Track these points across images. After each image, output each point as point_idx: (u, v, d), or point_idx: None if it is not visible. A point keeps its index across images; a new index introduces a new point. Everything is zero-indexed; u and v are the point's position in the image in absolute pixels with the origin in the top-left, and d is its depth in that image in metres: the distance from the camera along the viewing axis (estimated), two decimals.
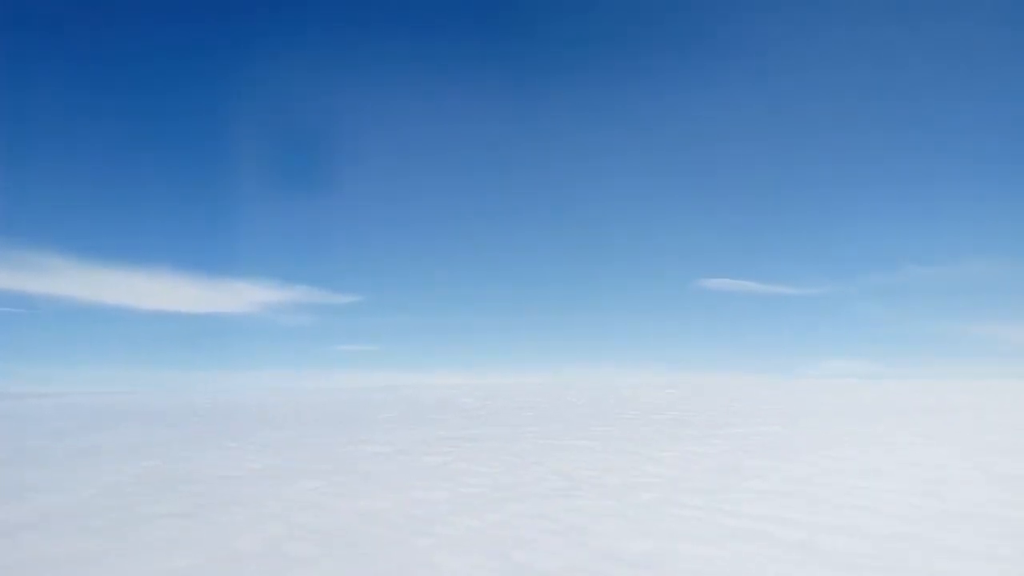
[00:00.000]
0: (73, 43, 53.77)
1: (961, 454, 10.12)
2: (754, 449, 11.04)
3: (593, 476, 8.51)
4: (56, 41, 53.54)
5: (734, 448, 11.22)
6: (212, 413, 22.36)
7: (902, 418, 17.48)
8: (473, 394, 34.83)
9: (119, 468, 10.17)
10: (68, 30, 53.27)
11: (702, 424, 16.45)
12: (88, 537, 5.84)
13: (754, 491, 7.40)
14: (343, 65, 56.68)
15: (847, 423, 16.10)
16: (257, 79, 56.98)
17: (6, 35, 49.13)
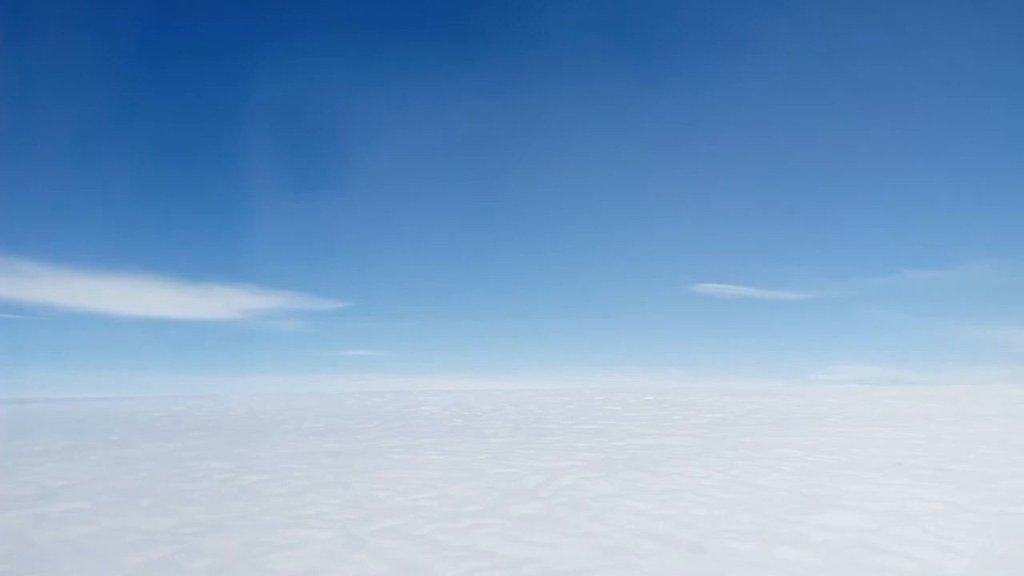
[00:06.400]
0: (53, 50, 54.46)
1: (815, 472, 9.40)
2: (607, 464, 10.38)
3: (381, 498, 7.97)
4: (36, 48, 54.26)
5: (593, 463, 10.58)
6: (139, 422, 22.16)
7: (824, 427, 16.66)
8: (444, 402, 34.40)
9: None
10: (49, 36, 53.98)
11: (612, 434, 15.81)
12: None
13: (516, 516, 6.81)
14: (329, 71, 56.67)
15: (760, 433, 15.33)
16: (241, 86, 57.20)
17: None
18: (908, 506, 6.88)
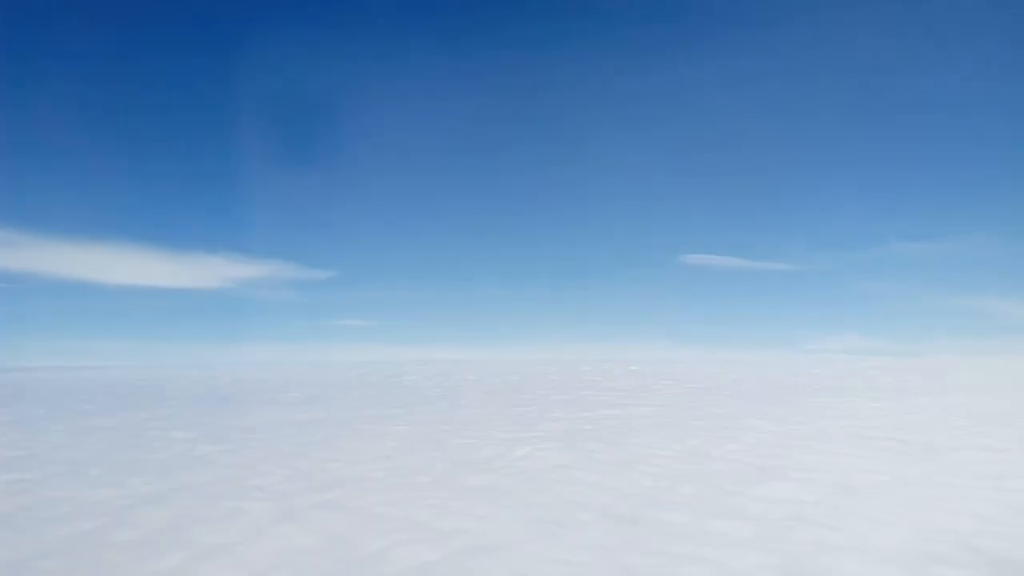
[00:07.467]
0: (41, 25, 53.47)
1: (775, 443, 9.37)
2: (569, 435, 10.34)
3: (332, 469, 7.91)
4: (26, 24, 53.27)
5: (556, 434, 10.54)
6: (120, 392, 22.14)
7: (799, 398, 16.67)
8: (429, 372, 34.43)
9: None
10: (37, 12, 52.98)
11: (585, 405, 15.79)
12: None
13: (462, 487, 6.75)
14: (320, 44, 55.82)
15: (733, 404, 15.33)
16: (232, 57, 56.33)
17: None
18: (855, 478, 6.84)
